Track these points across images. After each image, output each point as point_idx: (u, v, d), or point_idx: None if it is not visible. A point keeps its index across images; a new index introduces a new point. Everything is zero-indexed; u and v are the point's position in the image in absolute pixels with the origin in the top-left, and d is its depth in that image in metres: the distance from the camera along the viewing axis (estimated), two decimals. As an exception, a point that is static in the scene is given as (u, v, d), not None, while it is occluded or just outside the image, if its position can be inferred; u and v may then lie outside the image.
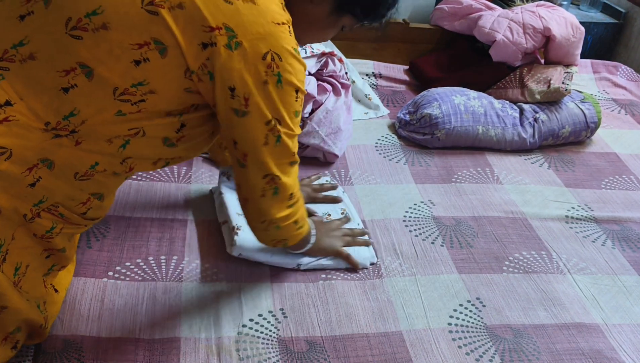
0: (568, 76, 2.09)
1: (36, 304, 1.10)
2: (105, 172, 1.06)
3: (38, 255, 1.08)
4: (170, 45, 0.97)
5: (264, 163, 1.10)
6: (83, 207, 1.08)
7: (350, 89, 1.93)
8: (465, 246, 1.55)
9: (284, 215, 1.18)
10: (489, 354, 1.26)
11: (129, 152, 1.05)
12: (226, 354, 1.19)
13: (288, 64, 1.03)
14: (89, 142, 1.01)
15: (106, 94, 0.98)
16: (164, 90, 1.01)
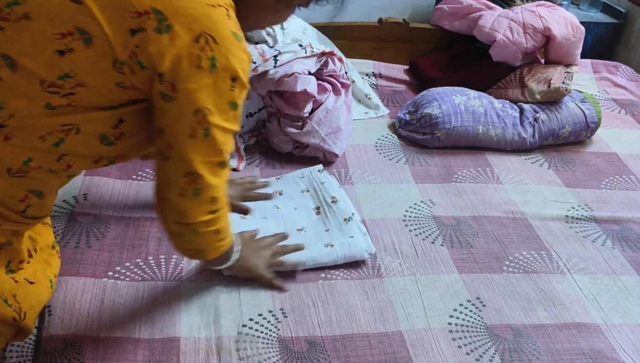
0: (568, 76, 2.09)
1: (2, 299, 1.06)
2: (40, 169, 1.01)
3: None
4: (96, 34, 0.92)
5: (187, 158, 1.00)
6: (22, 205, 1.04)
7: (350, 89, 1.93)
8: (465, 246, 1.55)
9: (204, 220, 1.08)
10: (489, 354, 1.26)
11: (64, 150, 1.00)
12: (226, 354, 1.19)
13: (225, 48, 0.95)
14: (20, 137, 0.97)
15: (33, 86, 0.94)
16: (93, 83, 0.95)
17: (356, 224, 1.51)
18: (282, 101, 1.79)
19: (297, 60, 1.77)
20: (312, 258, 1.40)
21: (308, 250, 1.42)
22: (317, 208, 1.57)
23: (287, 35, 1.94)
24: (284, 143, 1.80)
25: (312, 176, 1.69)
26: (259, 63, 1.73)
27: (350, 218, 1.53)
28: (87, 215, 1.47)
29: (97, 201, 1.53)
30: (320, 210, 1.56)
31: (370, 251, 1.45)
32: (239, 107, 1.02)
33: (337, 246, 1.43)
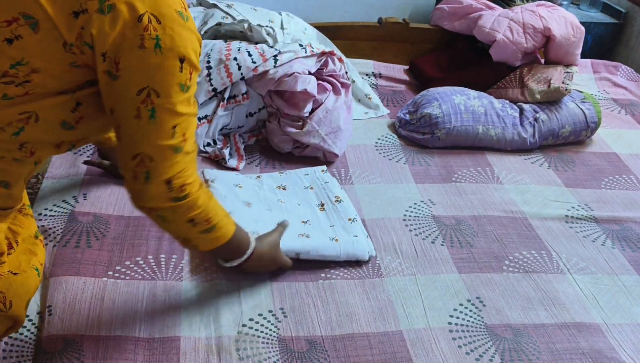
0: (568, 76, 2.09)
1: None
2: (3, 159, 1.00)
3: None
4: (41, 18, 0.91)
5: (134, 140, 0.99)
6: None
7: (350, 89, 1.93)
8: (465, 245, 1.55)
9: (167, 206, 1.05)
10: (489, 354, 1.26)
11: (24, 138, 0.98)
12: (226, 353, 1.19)
13: (169, 28, 0.93)
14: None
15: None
16: (47, 67, 0.94)
17: (359, 226, 1.52)
18: (282, 100, 1.79)
19: (297, 60, 1.77)
20: (316, 249, 1.40)
21: (312, 239, 1.42)
22: (321, 204, 1.58)
23: (287, 35, 1.94)
24: (284, 142, 1.80)
25: (315, 175, 1.70)
26: (259, 63, 1.73)
27: (355, 219, 1.53)
28: (87, 215, 1.47)
29: (97, 201, 1.53)
30: (324, 207, 1.57)
31: (371, 253, 1.46)
32: (191, 90, 1.00)
33: (341, 242, 1.43)
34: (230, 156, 1.76)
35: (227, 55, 1.73)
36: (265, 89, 1.77)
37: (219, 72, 1.71)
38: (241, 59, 1.73)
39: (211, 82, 1.70)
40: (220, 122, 1.76)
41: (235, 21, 1.88)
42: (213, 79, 1.70)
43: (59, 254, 1.35)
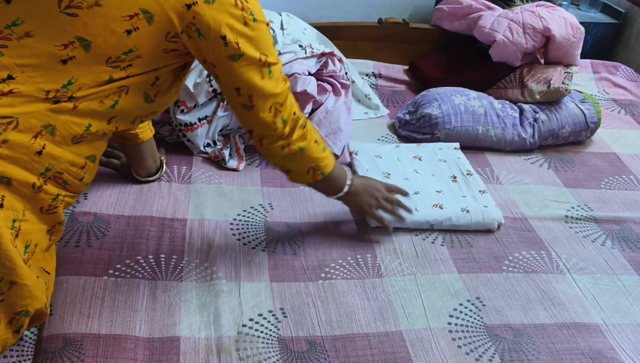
0: (568, 76, 2.09)
1: (43, 282, 1.14)
2: (97, 133, 1.14)
3: (44, 235, 1.13)
4: (156, 12, 1.08)
5: (267, 95, 1.21)
6: (81, 172, 1.15)
7: (350, 89, 1.93)
8: (465, 245, 1.55)
9: (300, 135, 1.28)
10: (489, 354, 1.26)
11: (116, 111, 1.14)
12: (226, 354, 1.19)
13: (251, 4, 1.15)
14: (84, 105, 1.09)
15: (100, 64, 1.08)
16: (147, 53, 1.11)
17: (489, 197, 1.65)
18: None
19: (297, 60, 1.77)
20: (449, 219, 1.56)
21: (445, 210, 1.58)
22: (453, 176, 1.71)
23: (287, 35, 1.95)
24: (284, 143, 1.80)
25: (449, 150, 1.85)
26: None
27: (484, 191, 1.67)
28: (87, 214, 1.47)
29: (97, 201, 1.53)
30: (456, 179, 1.69)
31: (500, 221, 1.59)
32: (272, 41, 1.23)
33: (472, 212, 1.58)
34: (230, 157, 1.76)
35: None
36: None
37: None
38: None
39: (211, 83, 1.70)
40: (220, 123, 1.76)
41: None
42: (213, 80, 1.70)
43: (59, 254, 1.35)
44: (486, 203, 1.62)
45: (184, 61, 1.20)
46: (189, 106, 1.70)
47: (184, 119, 1.71)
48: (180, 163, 1.72)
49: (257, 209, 1.59)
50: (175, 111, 1.71)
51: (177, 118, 1.71)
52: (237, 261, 1.41)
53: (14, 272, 1.03)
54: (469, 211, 1.58)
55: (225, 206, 1.58)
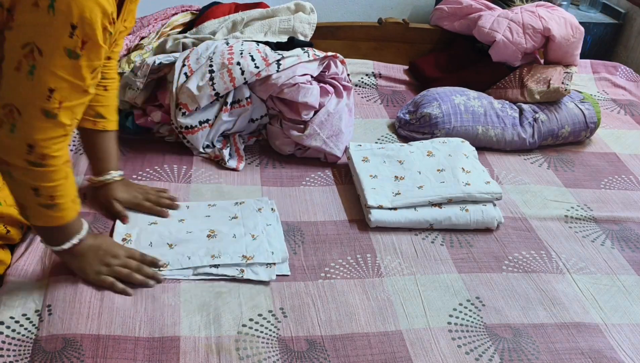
0: (568, 76, 2.09)
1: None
2: None
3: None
4: None
5: (9, 90, 1.02)
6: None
7: (352, 91, 1.93)
8: (465, 245, 1.55)
9: (19, 166, 1.06)
10: (489, 353, 1.26)
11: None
12: (226, 353, 1.19)
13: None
14: None
15: None
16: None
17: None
18: (284, 105, 1.79)
19: (299, 64, 1.77)
20: (448, 218, 1.56)
21: (444, 210, 1.57)
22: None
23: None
24: (285, 145, 1.80)
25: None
26: (262, 68, 1.73)
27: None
28: (87, 214, 1.47)
29: (96, 200, 1.52)
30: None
31: (499, 220, 1.60)
32: (81, 59, 1.01)
33: (471, 211, 1.57)
34: (230, 157, 1.76)
35: (229, 59, 1.73)
36: (267, 93, 1.77)
37: (222, 76, 1.70)
38: (244, 64, 1.72)
39: (214, 86, 1.70)
40: (222, 127, 1.76)
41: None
42: (216, 84, 1.70)
43: (59, 254, 1.35)
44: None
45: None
46: (190, 109, 1.70)
47: (184, 122, 1.70)
48: (180, 163, 1.72)
49: (257, 209, 1.59)
50: (177, 114, 1.70)
51: (177, 121, 1.71)
52: (237, 261, 1.41)
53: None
54: (467, 210, 1.58)
55: (225, 206, 1.58)
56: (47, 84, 1.01)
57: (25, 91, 1.01)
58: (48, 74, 1.00)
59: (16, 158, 1.06)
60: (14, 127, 1.03)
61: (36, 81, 1.00)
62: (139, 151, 1.73)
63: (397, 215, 1.55)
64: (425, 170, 1.67)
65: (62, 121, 1.05)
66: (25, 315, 1.22)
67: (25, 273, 1.30)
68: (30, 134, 1.04)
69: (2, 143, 1.05)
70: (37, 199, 1.11)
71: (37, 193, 1.10)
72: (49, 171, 1.09)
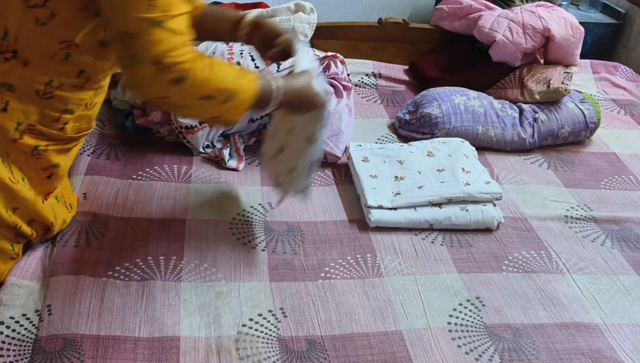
0: (568, 76, 2.09)
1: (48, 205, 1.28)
2: (62, 87, 1.14)
3: (37, 172, 1.22)
4: None
5: (114, 17, 1.03)
6: (58, 124, 1.18)
7: (352, 91, 1.93)
8: (465, 245, 1.55)
9: (169, 92, 1.06)
10: (489, 353, 1.26)
11: (73, 63, 1.11)
12: (226, 353, 1.19)
13: None
14: (35, 62, 1.10)
15: (18, 5, 1.05)
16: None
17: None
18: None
19: None
20: (448, 218, 1.57)
21: (444, 210, 1.57)
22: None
23: None
24: (284, 143, 1.80)
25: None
26: (262, 68, 1.73)
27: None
28: (86, 214, 1.47)
29: (96, 200, 1.53)
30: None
31: (499, 220, 1.60)
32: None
33: (471, 211, 1.57)
34: (230, 157, 1.76)
35: (229, 59, 1.73)
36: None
37: None
38: (244, 64, 1.72)
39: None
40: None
41: None
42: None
43: (59, 253, 1.35)
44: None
45: None
46: None
47: (185, 122, 1.70)
48: (179, 163, 1.72)
49: (257, 208, 1.59)
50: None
51: (177, 121, 1.71)
52: (237, 261, 1.41)
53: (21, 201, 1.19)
54: (467, 210, 1.58)
55: (224, 206, 1.58)
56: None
57: (128, 9, 0.99)
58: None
59: (158, 86, 1.05)
60: (133, 56, 1.02)
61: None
62: (139, 151, 1.73)
63: (397, 215, 1.55)
64: (425, 170, 1.67)
65: (173, 28, 1.02)
66: (25, 315, 1.22)
67: (25, 273, 1.30)
68: (149, 51, 1.01)
69: (137, 81, 1.06)
70: (213, 102, 1.10)
71: (208, 98, 1.09)
72: (192, 75, 1.05)
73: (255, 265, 1.41)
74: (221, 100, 1.10)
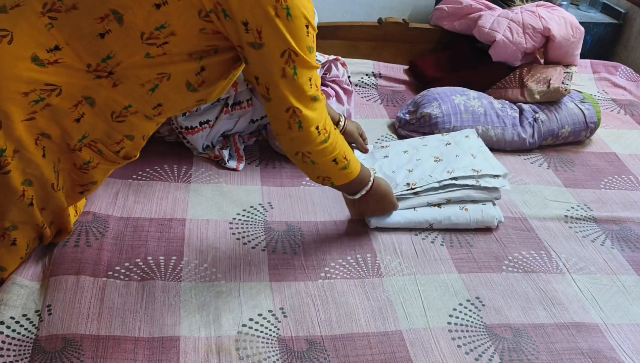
0: (568, 76, 2.09)
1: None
2: (137, 114, 1.23)
3: (72, 185, 1.30)
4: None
5: (284, 95, 1.19)
6: (117, 146, 1.27)
7: (352, 95, 1.93)
8: (465, 245, 1.55)
9: (318, 150, 1.27)
10: (489, 353, 1.26)
11: (158, 95, 1.20)
12: (226, 353, 1.19)
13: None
14: (124, 84, 1.17)
15: (135, 38, 1.13)
16: (182, 31, 1.13)
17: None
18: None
19: None
20: (448, 217, 1.57)
21: (443, 209, 1.58)
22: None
23: None
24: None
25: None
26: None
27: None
28: (86, 214, 1.47)
29: (96, 200, 1.53)
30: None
31: (499, 219, 1.61)
32: (314, 50, 1.20)
33: (471, 211, 1.58)
34: (230, 157, 1.76)
35: None
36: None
37: None
38: None
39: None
40: (222, 128, 1.76)
41: None
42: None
43: (59, 253, 1.35)
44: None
45: (233, 52, 1.20)
46: (191, 110, 1.70)
47: (185, 123, 1.70)
48: (179, 163, 1.72)
49: (257, 208, 1.59)
50: (177, 114, 1.71)
51: (178, 121, 1.71)
52: (237, 261, 1.41)
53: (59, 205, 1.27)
54: (467, 209, 1.58)
55: (224, 206, 1.58)
56: (307, 75, 1.19)
57: (297, 91, 1.19)
58: (305, 67, 1.18)
59: (313, 145, 1.26)
60: (300, 123, 1.22)
61: (299, 77, 1.18)
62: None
63: (396, 215, 1.55)
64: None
65: (321, 98, 1.25)
66: (25, 315, 1.22)
67: (26, 273, 1.30)
68: (313, 121, 1.23)
69: (299, 140, 1.25)
70: (338, 165, 1.32)
71: (336, 161, 1.31)
72: (333, 140, 1.29)
73: (255, 265, 1.41)
74: (342, 166, 1.33)
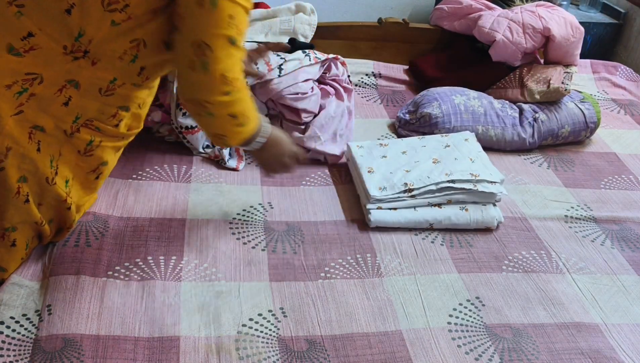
0: (568, 76, 2.09)
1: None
2: (124, 85, 1.20)
3: (85, 173, 1.29)
4: None
5: (195, 26, 1.08)
6: (114, 119, 1.25)
7: (352, 94, 1.93)
8: (465, 245, 1.55)
9: (216, 101, 1.13)
10: (489, 353, 1.26)
11: (140, 63, 1.16)
12: (226, 353, 1.19)
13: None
14: (102, 61, 1.14)
15: (97, 7, 1.09)
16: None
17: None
18: (284, 107, 1.79)
19: (302, 69, 1.77)
20: (448, 217, 1.56)
21: (444, 209, 1.57)
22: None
23: None
24: (285, 145, 1.80)
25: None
26: (264, 72, 1.74)
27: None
28: (86, 214, 1.47)
29: (96, 200, 1.53)
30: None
31: (499, 219, 1.60)
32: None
33: (471, 211, 1.58)
34: (230, 157, 1.76)
35: None
36: (266, 97, 1.77)
37: None
38: None
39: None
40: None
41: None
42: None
43: (59, 253, 1.35)
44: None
45: None
46: None
47: (185, 123, 1.70)
48: (179, 163, 1.72)
49: (257, 208, 1.59)
50: (177, 114, 1.71)
51: (178, 121, 1.71)
52: (237, 261, 1.41)
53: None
54: (467, 209, 1.58)
55: (224, 206, 1.58)
56: (226, 10, 1.07)
57: (211, 23, 1.07)
58: (228, 2, 1.07)
59: (214, 94, 1.13)
60: (206, 64, 1.09)
61: (219, 11, 1.07)
62: (139, 151, 1.73)
63: (396, 215, 1.55)
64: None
65: (240, 45, 1.13)
66: (25, 315, 1.22)
67: (25, 273, 1.30)
68: (222, 65, 1.10)
69: (199, 84, 1.12)
70: (235, 121, 1.19)
71: (235, 117, 1.18)
72: (240, 94, 1.16)
73: (255, 265, 1.41)
74: (239, 123, 1.21)
